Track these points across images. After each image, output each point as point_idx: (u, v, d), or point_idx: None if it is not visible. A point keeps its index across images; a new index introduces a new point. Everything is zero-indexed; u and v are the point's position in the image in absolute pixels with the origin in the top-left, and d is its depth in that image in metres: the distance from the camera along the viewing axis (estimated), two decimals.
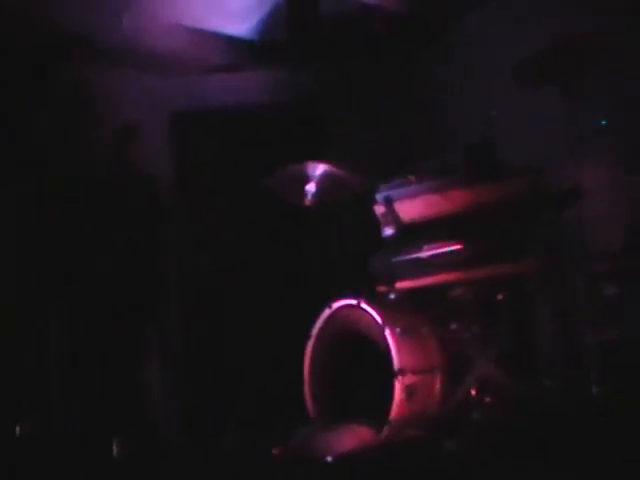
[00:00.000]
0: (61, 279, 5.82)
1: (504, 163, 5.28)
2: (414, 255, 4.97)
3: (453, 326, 5.02)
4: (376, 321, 4.72)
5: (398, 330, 4.71)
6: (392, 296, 4.96)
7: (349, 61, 6.59)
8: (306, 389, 4.89)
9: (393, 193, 5.02)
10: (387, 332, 4.67)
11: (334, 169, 5.03)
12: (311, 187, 5.04)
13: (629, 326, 4.95)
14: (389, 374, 4.63)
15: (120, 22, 6.09)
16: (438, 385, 4.85)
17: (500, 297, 5.04)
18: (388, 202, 4.97)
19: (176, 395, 5.77)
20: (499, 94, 5.73)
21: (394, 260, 5.00)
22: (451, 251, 4.90)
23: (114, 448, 5.29)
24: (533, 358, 5.16)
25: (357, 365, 4.87)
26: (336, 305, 4.88)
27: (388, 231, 4.95)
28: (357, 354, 4.86)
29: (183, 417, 5.97)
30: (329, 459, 4.42)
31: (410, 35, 6.52)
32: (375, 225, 5.05)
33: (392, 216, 4.95)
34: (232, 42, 6.36)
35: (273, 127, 6.76)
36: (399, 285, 4.97)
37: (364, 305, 4.79)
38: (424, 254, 4.96)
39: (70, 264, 5.81)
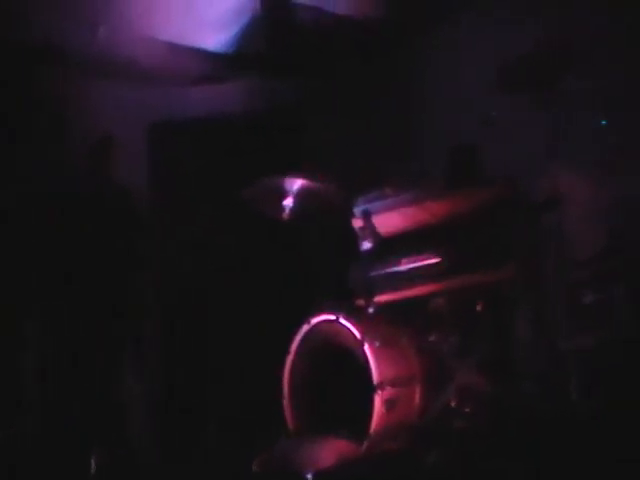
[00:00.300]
0: (38, 292, 5.80)
1: (482, 170, 5.32)
2: (393, 268, 5.01)
3: (432, 337, 5.04)
4: (355, 336, 4.73)
5: (377, 343, 4.72)
6: (371, 310, 4.97)
7: (328, 71, 6.58)
8: (286, 403, 4.89)
9: (371, 206, 5.05)
10: (366, 346, 4.67)
11: (312, 183, 5.03)
12: (289, 202, 5.05)
13: (607, 332, 4.98)
14: (369, 387, 4.64)
15: (97, 34, 6.07)
16: (418, 396, 4.86)
17: (479, 307, 5.06)
18: (366, 215, 4.99)
19: (155, 411, 5.74)
20: (480, 100, 5.74)
21: (373, 274, 5.02)
22: (430, 263, 4.93)
23: (92, 462, 5.28)
24: (513, 366, 5.18)
25: (337, 378, 4.87)
26: (315, 320, 4.88)
27: (366, 245, 4.97)
28: (336, 367, 4.86)
29: (162, 432, 5.96)
30: (309, 477, 4.42)
31: (389, 43, 6.52)
32: (354, 238, 5.06)
33: (370, 229, 4.97)
34: (210, 53, 6.35)
35: (252, 137, 6.75)
36: (378, 298, 5.00)
37: (343, 320, 4.79)
38: (403, 267, 4.99)
39: (48, 276, 5.79)
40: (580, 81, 5.12)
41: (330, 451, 4.62)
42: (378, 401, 4.61)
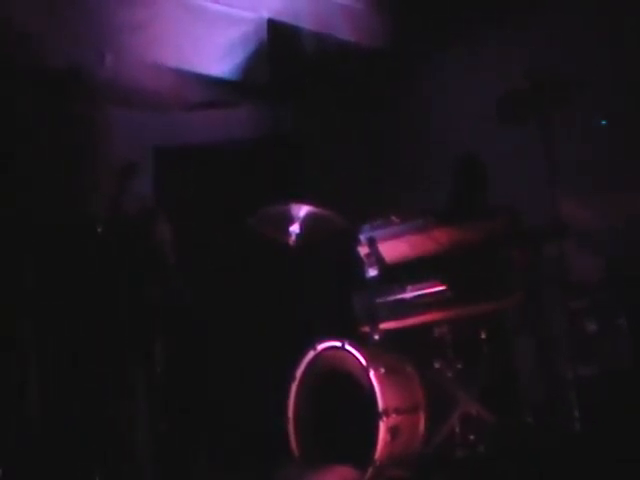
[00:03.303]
0: (45, 310, 5.79)
1: (486, 201, 5.35)
2: (398, 296, 5.01)
3: (437, 364, 5.05)
4: (360, 362, 4.73)
5: (382, 370, 4.73)
6: (376, 337, 4.97)
7: (331, 99, 6.63)
8: (290, 430, 4.88)
9: (376, 233, 5.06)
10: (371, 373, 4.68)
11: (318, 209, 5.06)
12: (295, 228, 5.08)
13: (610, 361, 5.00)
14: (373, 415, 4.64)
15: (104, 61, 6.12)
16: (422, 424, 4.86)
17: (483, 336, 5.08)
18: (372, 243, 5.00)
19: (158, 430, 5.71)
20: (481, 130, 5.79)
21: (378, 301, 5.03)
22: (435, 292, 4.94)
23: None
24: (516, 394, 5.19)
25: (341, 405, 4.86)
26: (321, 347, 4.88)
27: (372, 272, 4.98)
28: (341, 394, 4.86)
29: (164, 451, 5.92)
30: None
31: (390, 71, 6.58)
32: (359, 265, 5.08)
33: (376, 257, 4.98)
34: (215, 80, 6.40)
35: (255, 163, 6.79)
36: (383, 326, 5.00)
37: (348, 347, 4.80)
38: (408, 295, 4.99)
39: (58, 294, 5.77)
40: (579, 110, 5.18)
41: (334, 478, 4.62)
42: (383, 428, 4.61)
